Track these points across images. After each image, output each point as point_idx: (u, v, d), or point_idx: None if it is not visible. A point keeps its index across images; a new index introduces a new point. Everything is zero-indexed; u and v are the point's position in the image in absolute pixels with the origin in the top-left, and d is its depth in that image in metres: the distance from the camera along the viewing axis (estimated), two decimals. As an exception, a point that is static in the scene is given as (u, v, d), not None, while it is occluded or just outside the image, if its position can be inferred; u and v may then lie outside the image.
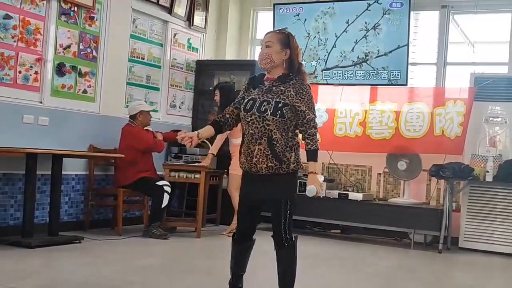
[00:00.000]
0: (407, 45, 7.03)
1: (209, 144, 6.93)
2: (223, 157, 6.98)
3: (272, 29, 3.55)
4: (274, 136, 3.34)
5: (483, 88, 6.59)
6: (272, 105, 3.34)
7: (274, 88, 3.41)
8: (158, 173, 6.57)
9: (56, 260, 4.87)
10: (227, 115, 3.58)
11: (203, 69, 7.98)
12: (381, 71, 7.17)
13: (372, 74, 7.23)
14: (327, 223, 7.15)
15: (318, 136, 3.43)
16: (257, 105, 3.38)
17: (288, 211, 3.37)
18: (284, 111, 3.33)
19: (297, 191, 3.53)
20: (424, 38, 7.44)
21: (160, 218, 6.24)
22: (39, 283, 3.94)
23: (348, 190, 7.07)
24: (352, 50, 7.34)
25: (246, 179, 3.50)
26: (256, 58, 3.65)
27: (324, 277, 3.71)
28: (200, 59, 8.00)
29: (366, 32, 7.25)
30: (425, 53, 7.44)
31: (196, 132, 3.56)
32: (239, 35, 8.48)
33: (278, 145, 3.34)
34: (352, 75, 7.35)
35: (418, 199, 6.92)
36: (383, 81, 7.17)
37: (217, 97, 6.56)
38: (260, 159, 3.36)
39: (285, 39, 3.44)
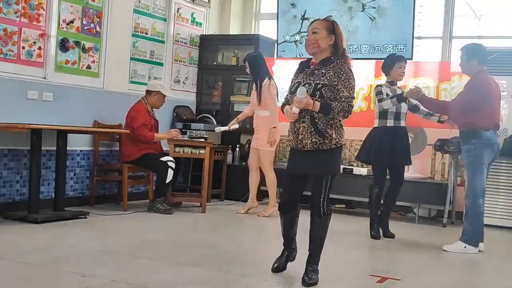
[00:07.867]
0: (413, 18, 6.95)
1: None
2: (230, 133, 6.97)
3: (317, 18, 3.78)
4: (315, 115, 3.59)
5: (489, 62, 6.52)
6: (312, 86, 3.60)
7: (316, 71, 3.66)
8: (163, 148, 6.58)
9: (62, 235, 4.91)
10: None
11: (207, 44, 7.93)
12: (386, 45, 7.11)
13: (377, 48, 7.18)
14: (331, 198, 7.11)
15: (344, 113, 3.61)
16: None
17: (328, 187, 3.71)
18: (323, 91, 3.57)
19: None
20: (430, 11, 7.36)
21: (164, 193, 6.27)
22: (46, 257, 3.98)
23: (352, 165, 7.08)
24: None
25: (293, 154, 3.79)
26: (260, 33, 3.70)
27: (328, 251, 3.74)
28: (204, 33, 7.95)
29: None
30: (431, 26, 7.37)
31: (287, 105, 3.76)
32: (243, 9, 8.41)
33: (320, 122, 3.60)
34: (357, 49, 7.29)
35: (422, 173, 6.92)
36: (388, 55, 7.11)
37: (247, 69, 6.44)
38: (305, 136, 3.63)
39: (331, 26, 3.66)
